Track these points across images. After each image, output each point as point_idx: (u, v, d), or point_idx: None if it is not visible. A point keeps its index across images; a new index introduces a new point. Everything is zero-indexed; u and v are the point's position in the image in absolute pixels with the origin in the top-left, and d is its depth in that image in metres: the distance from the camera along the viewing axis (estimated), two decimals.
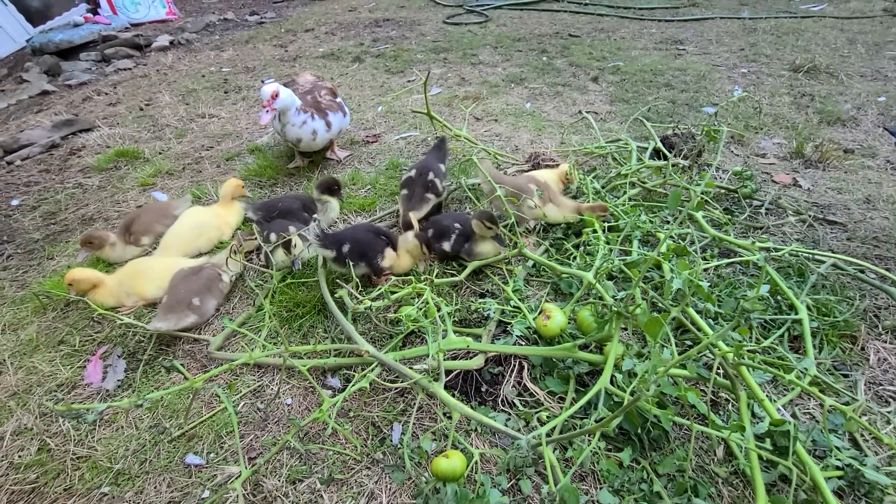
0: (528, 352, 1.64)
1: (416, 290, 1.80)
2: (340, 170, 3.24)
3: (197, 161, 3.47)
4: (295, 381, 1.75)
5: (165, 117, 4.33)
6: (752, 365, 1.41)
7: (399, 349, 1.79)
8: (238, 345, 1.92)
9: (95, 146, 3.83)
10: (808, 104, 3.86)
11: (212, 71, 5.75)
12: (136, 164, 3.46)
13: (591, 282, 1.73)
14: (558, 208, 2.28)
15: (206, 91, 5.00)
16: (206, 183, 3.11)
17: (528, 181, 2.32)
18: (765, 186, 2.76)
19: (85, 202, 3.03)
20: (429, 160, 2.57)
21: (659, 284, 1.98)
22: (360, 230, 2.06)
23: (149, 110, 4.60)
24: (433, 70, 5.16)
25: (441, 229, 2.15)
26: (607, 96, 4.24)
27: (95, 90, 5.34)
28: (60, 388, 1.79)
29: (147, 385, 1.77)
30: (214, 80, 5.36)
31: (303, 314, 1.99)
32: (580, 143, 3.29)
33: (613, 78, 4.63)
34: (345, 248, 1.96)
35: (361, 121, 4.02)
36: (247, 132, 3.95)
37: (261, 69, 5.67)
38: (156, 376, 1.81)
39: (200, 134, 3.95)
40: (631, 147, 2.92)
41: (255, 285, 2.15)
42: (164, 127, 4.13)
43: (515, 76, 4.83)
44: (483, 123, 3.82)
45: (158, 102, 4.77)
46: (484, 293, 2.09)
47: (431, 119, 3.20)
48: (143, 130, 4.10)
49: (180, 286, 1.99)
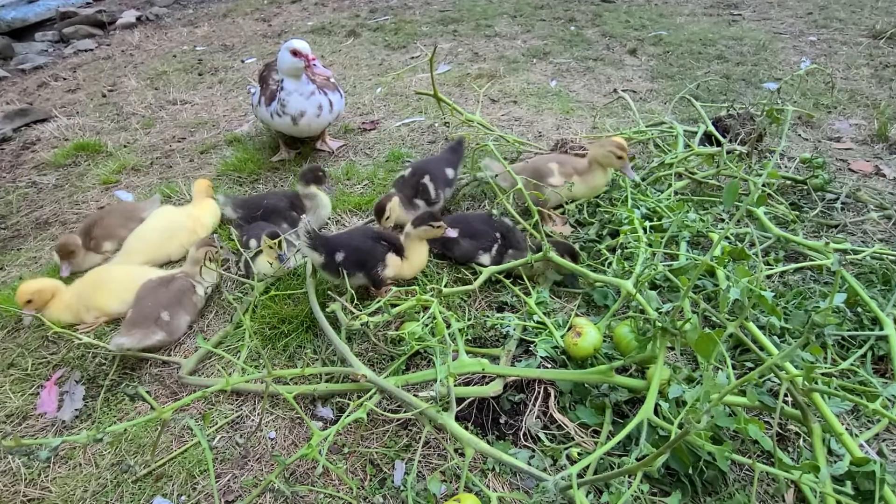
0: (555, 376, 1.63)
1: (422, 302, 1.80)
2: (333, 162, 3.28)
3: (167, 155, 3.54)
4: (280, 410, 1.76)
5: (131, 105, 4.43)
6: (828, 391, 1.38)
7: (402, 373, 1.79)
8: (213, 368, 1.94)
9: (52, 139, 3.94)
10: (892, 77, 3.80)
11: (184, 50, 5.88)
12: (98, 158, 3.54)
13: (630, 292, 1.71)
14: (586, 182, 2.31)
15: (177, 74, 5.12)
16: (177, 180, 3.17)
17: (547, 161, 2.37)
18: (840, 176, 2.72)
19: (39, 203, 3.11)
20: (432, 161, 2.58)
21: (712, 295, 1.95)
22: (357, 235, 2.07)
23: (112, 97, 4.71)
24: (441, 45, 5.21)
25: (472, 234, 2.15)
26: (648, 72, 4.23)
27: (52, 75, 5.50)
28: (10, 420, 1.82)
29: (109, 415, 1.80)
30: (187, 60, 5.48)
31: (289, 332, 2.01)
32: (616, 128, 3.29)
33: (655, 50, 4.62)
34: (339, 257, 1.98)
35: (357, 105, 4.07)
36: (224, 120, 4.02)
37: (240, 47, 5.78)
38: (119, 405, 1.83)
39: (171, 123, 4.04)
40: (677, 131, 2.91)
41: (234, 298, 2.18)
42: (130, 116, 4.23)
43: (538, 50, 4.85)
44: (500, 106, 3.84)
45: (123, 88, 4.89)
46: (502, 306, 2.08)
47: (439, 102, 3.21)
48: (105, 120, 4.20)
49: (147, 299, 2.02)
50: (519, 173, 2.27)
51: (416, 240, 2.09)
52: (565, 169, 2.36)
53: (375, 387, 1.62)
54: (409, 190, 2.47)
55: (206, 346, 1.58)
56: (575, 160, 2.40)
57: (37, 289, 2.05)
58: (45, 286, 2.08)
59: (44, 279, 2.13)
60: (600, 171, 2.32)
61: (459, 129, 3.40)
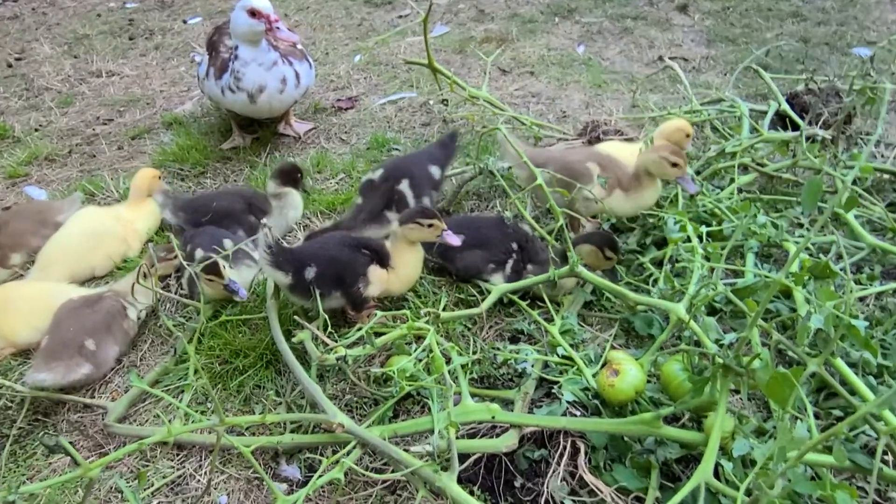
0: (586, 427, 1.63)
1: (414, 330, 1.81)
2: (300, 150, 3.32)
3: (89, 141, 3.58)
4: (233, 468, 1.77)
5: (44, 77, 4.48)
6: None
7: (389, 421, 1.79)
8: (149, 413, 1.95)
9: None
10: None
11: (111, 8, 5.96)
12: (3, 145, 3.58)
13: (682, 318, 1.72)
14: (631, 198, 2.30)
15: (102, 37, 5.18)
16: (102, 173, 3.21)
17: (585, 159, 2.35)
18: None
19: None
20: (413, 159, 2.57)
21: (789, 323, 1.97)
22: (331, 244, 2.09)
23: (20, 67, 4.77)
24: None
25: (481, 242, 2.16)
26: (702, 34, 4.29)
27: None
28: None
29: (17, 473, 1.81)
30: (115, 21, 5.55)
31: (244, 368, 2.02)
32: (661, 106, 3.32)
33: (712, 6, 4.67)
34: (309, 273, 1.99)
35: (330, 77, 4.12)
36: (161, 97, 4.07)
37: (182, 4, 5.86)
38: (29, 460, 1.84)
39: (94, 101, 4.08)
40: (741, 111, 2.93)
41: (175, 325, 2.20)
42: (43, 91, 4.28)
43: (561, 5, 4.91)
44: (513, 78, 3.89)
45: (34, 55, 4.94)
46: (516, 335, 2.09)
47: (435, 74, 3.25)
48: (12, 97, 4.25)
49: (68, 322, 2.04)
50: (544, 164, 2.29)
51: (405, 243, 2.06)
52: (607, 174, 2.31)
53: (355, 439, 1.62)
54: (379, 200, 2.40)
55: (141, 384, 1.59)
56: (621, 164, 2.35)
57: None
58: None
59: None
60: (650, 184, 2.28)
61: (461, 107, 3.44)
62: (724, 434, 1.43)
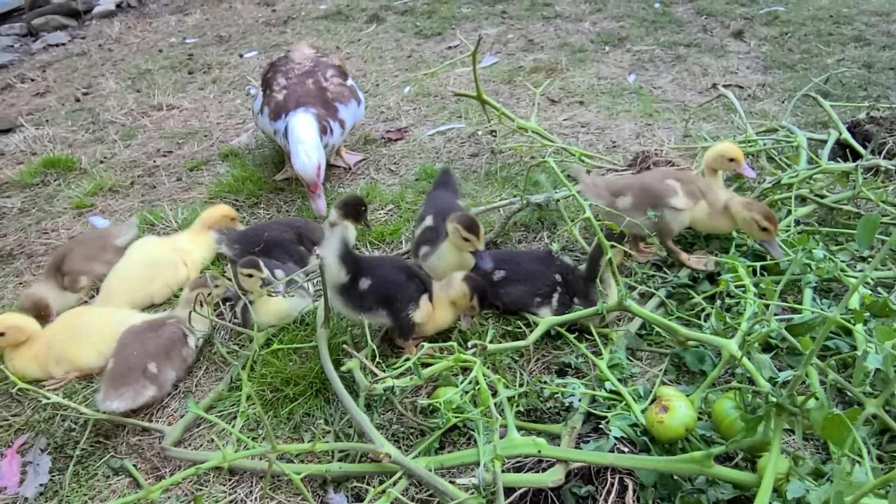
0: (634, 464, 1.64)
1: (461, 362, 1.86)
2: (350, 181, 3.46)
3: (150, 172, 3.82)
4: (283, 494, 1.84)
5: (109, 111, 4.82)
6: None
7: (435, 452, 1.84)
8: (203, 437, 2.06)
9: (17, 153, 4.33)
10: None
11: (172, 43, 6.37)
12: (70, 177, 3.86)
13: (734, 354, 1.73)
14: (713, 210, 2.33)
15: (163, 72, 5.54)
16: (162, 203, 3.42)
17: (662, 177, 2.40)
18: None
19: (2, 231, 3.41)
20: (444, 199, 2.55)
21: (848, 361, 1.94)
22: (386, 264, 2.19)
23: (87, 101, 5.14)
24: (486, 30, 5.43)
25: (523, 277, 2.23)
26: (759, 60, 4.27)
27: (19, 75, 6.05)
28: None
29: (78, 494, 1.93)
30: (175, 56, 5.93)
31: (294, 396, 2.11)
32: (714, 136, 3.32)
33: (769, 31, 4.66)
34: (364, 284, 2.08)
35: (380, 108, 4.29)
36: (218, 129, 4.32)
37: (238, 38, 6.22)
38: (91, 480, 1.96)
39: (155, 133, 4.37)
40: (798, 141, 2.92)
41: (229, 352, 2.31)
42: (108, 125, 4.60)
43: (612, 34, 4.98)
44: (562, 108, 3.96)
45: (100, 90, 5.32)
46: (564, 369, 2.12)
47: (483, 105, 3.36)
48: (79, 130, 4.58)
49: (132, 347, 2.17)
50: (621, 192, 2.36)
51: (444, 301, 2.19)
52: (690, 187, 2.37)
53: (402, 469, 1.68)
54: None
55: (198, 410, 1.70)
56: (697, 178, 2.43)
57: (14, 324, 2.26)
58: (23, 325, 2.29)
59: (25, 317, 2.34)
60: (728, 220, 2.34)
61: (510, 138, 3.52)
62: (778, 475, 1.43)
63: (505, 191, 3.10)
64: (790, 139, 3.01)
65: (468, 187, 3.19)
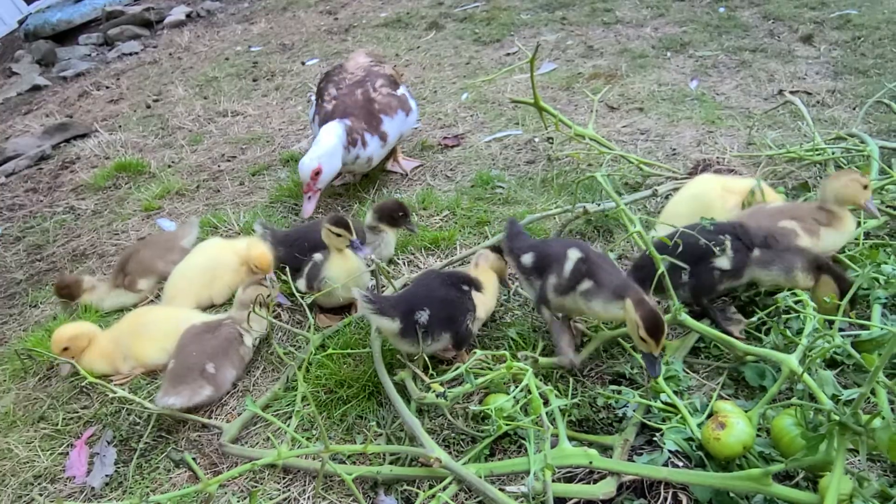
0: (689, 479, 1.62)
1: (513, 371, 1.89)
2: (407, 187, 3.53)
3: (215, 176, 4.02)
4: (334, 494, 1.90)
5: (178, 117, 5.10)
6: None
7: (485, 459, 1.87)
8: (259, 436, 2.16)
9: (92, 157, 4.63)
10: None
11: (238, 51, 6.67)
12: (140, 180, 4.10)
13: (795, 370, 1.68)
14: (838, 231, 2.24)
15: (229, 79, 5.81)
16: (225, 207, 3.59)
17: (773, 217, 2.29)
18: None
19: (77, 232, 3.66)
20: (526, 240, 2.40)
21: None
22: (434, 285, 2.21)
23: (157, 108, 5.44)
24: (545, 37, 5.43)
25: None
26: (829, 66, 4.12)
27: (94, 83, 6.47)
28: (38, 481, 2.15)
29: (141, 485, 2.06)
30: (241, 63, 6.20)
31: (348, 398, 2.18)
32: (780, 144, 3.22)
33: (840, 35, 4.47)
34: (422, 317, 2.08)
35: (438, 115, 4.36)
36: (280, 135, 4.49)
37: (301, 46, 6.44)
38: (153, 473, 2.09)
39: (220, 139, 4.59)
40: (870, 149, 2.81)
41: (285, 353, 2.41)
42: (176, 130, 4.87)
43: (674, 40, 4.90)
44: (621, 115, 3.93)
45: (170, 96, 5.63)
46: (618, 379, 2.11)
47: (541, 112, 3.38)
48: (149, 135, 4.87)
49: (191, 347, 2.30)
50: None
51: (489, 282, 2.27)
52: (807, 225, 2.24)
53: (452, 475, 1.71)
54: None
55: (255, 408, 1.79)
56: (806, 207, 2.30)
57: (73, 335, 2.41)
58: (81, 332, 2.44)
59: (80, 323, 2.52)
60: (845, 212, 2.25)
61: (567, 145, 3.52)
62: (841, 496, 1.39)
63: (561, 198, 3.10)
64: (861, 148, 2.90)
65: (524, 194, 3.21)
